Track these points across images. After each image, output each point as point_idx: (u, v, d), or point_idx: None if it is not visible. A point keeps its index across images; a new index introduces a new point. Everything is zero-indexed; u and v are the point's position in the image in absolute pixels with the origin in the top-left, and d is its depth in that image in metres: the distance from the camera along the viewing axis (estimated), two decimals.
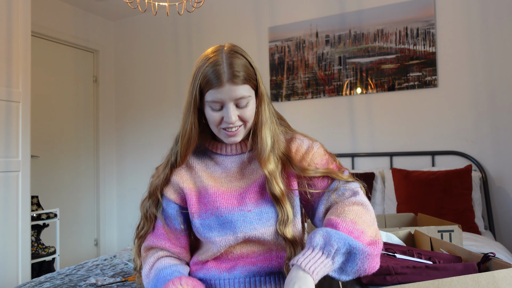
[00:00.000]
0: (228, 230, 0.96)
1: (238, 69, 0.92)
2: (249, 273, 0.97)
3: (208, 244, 1.00)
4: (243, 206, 0.97)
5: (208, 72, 0.92)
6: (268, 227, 0.96)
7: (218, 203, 0.97)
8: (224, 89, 0.92)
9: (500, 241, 2.47)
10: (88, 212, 3.81)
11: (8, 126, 2.34)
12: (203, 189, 1.00)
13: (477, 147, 2.57)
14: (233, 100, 0.93)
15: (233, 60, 0.93)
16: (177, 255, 1.04)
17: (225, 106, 0.94)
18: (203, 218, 0.98)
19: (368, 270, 0.80)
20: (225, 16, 3.49)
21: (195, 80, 0.95)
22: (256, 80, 0.98)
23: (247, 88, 0.95)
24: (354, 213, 0.85)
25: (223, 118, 0.95)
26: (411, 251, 1.02)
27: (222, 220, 0.96)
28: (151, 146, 3.81)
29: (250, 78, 0.95)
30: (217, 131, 0.99)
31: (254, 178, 1.00)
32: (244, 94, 0.94)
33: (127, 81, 4.02)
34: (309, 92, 3.09)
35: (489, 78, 2.55)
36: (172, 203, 1.03)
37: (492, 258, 0.88)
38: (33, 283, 1.46)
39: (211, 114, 0.96)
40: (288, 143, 1.03)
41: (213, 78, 0.92)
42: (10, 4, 2.37)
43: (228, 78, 0.91)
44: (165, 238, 1.03)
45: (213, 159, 1.06)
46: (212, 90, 0.93)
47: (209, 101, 0.94)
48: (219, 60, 0.93)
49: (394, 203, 2.52)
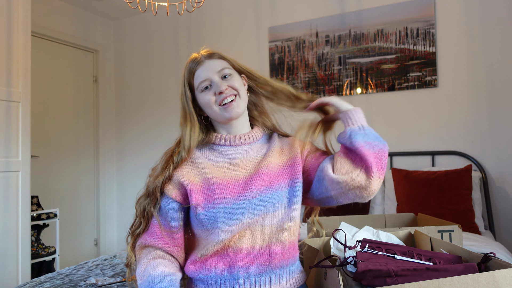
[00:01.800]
0: (234, 219, 0.97)
1: (213, 51, 1.09)
2: (249, 273, 0.97)
3: (210, 236, 0.99)
4: (248, 193, 0.99)
5: (188, 64, 1.08)
6: (271, 212, 0.99)
7: (224, 193, 0.99)
8: (205, 65, 1.05)
9: (500, 241, 2.47)
10: (88, 212, 3.81)
11: (8, 126, 2.34)
12: (207, 181, 1.01)
13: (477, 147, 2.57)
14: (216, 72, 1.05)
15: (207, 50, 1.10)
16: (170, 253, 1.04)
17: (213, 81, 1.04)
18: (209, 209, 0.98)
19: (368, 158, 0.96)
20: (225, 16, 3.49)
21: (183, 80, 1.08)
22: (231, 62, 1.10)
23: (225, 63, 1.07)
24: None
25: (215, 92, 1.03)
26: (411, 251, 1.02)
27: (229, 208, 0.97)
28: (151, 146, 3.81)
29: (224, 57, 1.09)
30: (217, 111, 1.05)
31: (258, 168, 1.03)
32: (224, 66, 1.06)
33: (127, 81, 4.02)
34: (309, 92, 3.09)
35: (489, 78, 2.55)
36: (171, 200, 1.03)
37: (492, 258, 0.88)
38: (33, 283, 1.46)
39: (204, 97, 1.05)
40: (291, 138, 1.15)
41: (193, 62, 1.07)
42: (10, 4, 2.37)
43: (204, 57, 1.07)
44: (159, 237, 1.03)
45: (215, 150, 1.08)
46: (196, 72, 1.06)
47: (198, 83, 1.05)
48: (195, 55, 1.10)
49: (394, 203, 2.52)
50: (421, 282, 0.75)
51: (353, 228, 1.33)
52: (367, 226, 1.33)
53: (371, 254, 1.02)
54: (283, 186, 1.02)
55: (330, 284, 0.94)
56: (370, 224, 1.55)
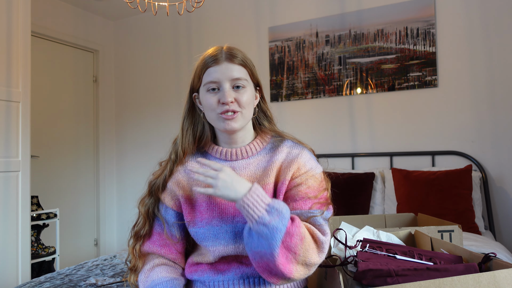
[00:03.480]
0: (222, 241, 0.95)
1: (236, 53, 0.98)
2: (242, 275, 0.96)
3: (204, 250, 1.00)
4: (239, 218, 0.96)
5: (206, 56, 0.99)
6: None
7: (214, 212, 0.97)
8: (222, 67, 0.95)
9: (500, 241, 2.47)
10: (88, 212, 3.80)
11: (8, 126, 2.34)
12: (199, 197, 0.99)
13: (477, 147, 2.57)
14: (229, 80, 0.95)
15: (232, 50, 0.99)
16: (173, 261, 1.04)
17: (222, 87, 0.96)
18: (198, 227, 0.97)
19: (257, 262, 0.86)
20: (225, 16, 3.49)
21: (195, 69, 1.00)
22: (253, 70, 1.00)
23: (243, 72, 0.98)
24: (304, 238, 0.86)
25: (220, 100, 0.95)
26: (411, 251, 1.02)
27: (217, 230, 0.96)
28: (151, 146, 3.80)
29: (246, 64, 0.99)
30: (215, 117, 0.98)
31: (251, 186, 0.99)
32: (241, 76, 0.96)
33: (127, 81, 4.02)
34: (309, 92, 3.09)
35: (489, 78, 2.55)
36: (170, 209, 1.03)
37: (493, 258, 0.88)
38: (33, 283, 1.45)
39: (207, 97, 0.97)
40: (295, 157, 0.99)
41: (211, 57, 0.97)
42: (10, 4, 2.37)
43: (225, 57, 0.96)
44: (161, 244, 1.02)
45: None
46: (210, 68, 0.96)
47: (207, 82, 0.97)
48: (217, 49, 0.99)
49: (394, 203, 2.52)
50: (422, 282, 0.75)
51: (354, 228, 1.33)
52: (368, 226, 1.33)
53: (371, 254, 1.02)
54: None
55: (330, 284, 0.94)
56: (370, 224, 1.55)
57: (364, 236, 1.23)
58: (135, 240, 1.04)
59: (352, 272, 0.96)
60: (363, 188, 2.58)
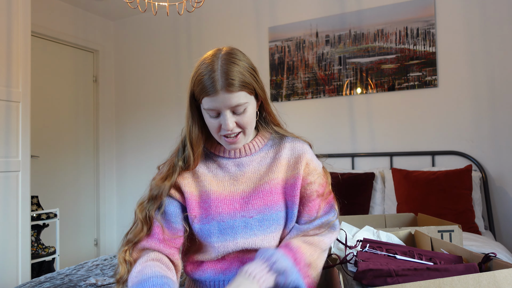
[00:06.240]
0: (228, 236, 0.95)
1: (233, 77, 0.90)
2: None
3: (208, 247, 0.99)
4: (245, 212, 0.96)
5: (203, 80, 0.91)
6: (268, 233, 0.96)
7: (220, 208, 0.97)
8: (219, 97, 0.90)
9: (500, 241, 2.47)
10: (88, 212, 3.80)
11: (8, 126, 2.34)
12: (205, 194, 0.99)
13: (477, 147, 2.57)
14: (228, 108, 0.92)
15: (228, 67, 0.91)
16: (168, 256, 1.00)
17: (222, 114, 0.93)
18: (204, 223, 0.97)
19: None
20: (225, 16, 3.49)
21: (192, 85, 0.96)
22: (253, 85, 0.96)
23: (243, 95, 0.92)
24: (313, 254, 0.95)
25: (221, 125, 0.94)
26: (411, 251, 1.02)
27: (223, 225, 0.95)
28: (151, 146, 3.80)
29: (246, 84, 0.93)
30: (218, 137, 0.99)
31: (259, 183, 0.99)
32: (240, 102, 0.92)
33: (127, 81, 4.02)
34: (309, 92, 3.09)
35: (489, 78, 2.55)
36: (175, 200, 1.01)
37: (493, 258, 0.88)
38: (33, 283, 1.45)
39: (209, 121, 0.96)
40: (301, 152, 1.03)
41: (208, 86, 0.90)
42: (10, 4, 2.37)
43: (222, 86, 0.89)
44: (160, 240, 1.00)
45: (216, 161, 1.05)
46: (207, 98, 0.92)
47: (206, 109, 0.94)
48: (214, 66, 0.91)
49: (394, 203, 2.52)
50: (422, 282, 0.75)
51: (354, 228, 1.33)
52: (368, 226, 1.33)
53: (371, 254, 1.02)
54: (283, 206, 0.99)
55: (330, 284, 0.94)
56: (370, 224, 1.55)
57: (364, 236, 1.23)
58: (131, 246, 0.99)
59: (352, 272, 0.96)
60: (363, 188, 2.58)
